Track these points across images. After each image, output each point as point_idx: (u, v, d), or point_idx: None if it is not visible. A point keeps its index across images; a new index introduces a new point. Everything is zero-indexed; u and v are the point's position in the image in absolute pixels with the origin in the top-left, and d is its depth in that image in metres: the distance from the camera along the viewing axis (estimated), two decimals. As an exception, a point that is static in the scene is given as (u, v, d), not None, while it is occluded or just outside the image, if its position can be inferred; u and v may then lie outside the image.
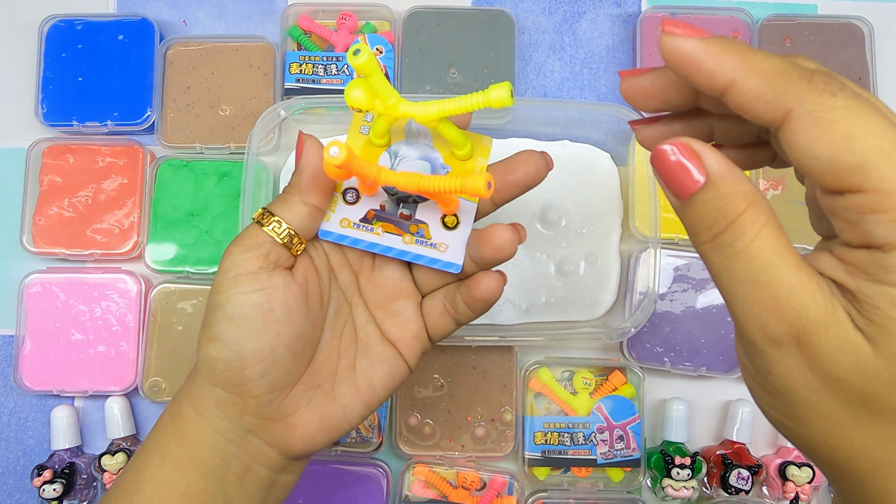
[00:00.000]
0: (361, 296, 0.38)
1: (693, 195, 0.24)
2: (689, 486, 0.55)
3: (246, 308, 0.33)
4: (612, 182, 0.58)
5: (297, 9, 0.63)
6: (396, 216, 0.37)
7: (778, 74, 0.23)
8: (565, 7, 0.65)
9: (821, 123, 0.22)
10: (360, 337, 0.38)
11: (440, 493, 0.56)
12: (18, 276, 0.59)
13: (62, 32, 0.62)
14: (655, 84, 0.29)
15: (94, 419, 0.59)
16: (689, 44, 0.24)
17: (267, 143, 0.60)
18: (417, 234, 0.37)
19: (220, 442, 0.34)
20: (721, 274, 0.24)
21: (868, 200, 0.22)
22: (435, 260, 0.37)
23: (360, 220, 0.37)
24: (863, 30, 0.62)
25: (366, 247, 0.37)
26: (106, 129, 0.61)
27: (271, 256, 0.34)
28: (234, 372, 0.33)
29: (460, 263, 0.37)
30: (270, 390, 0.34)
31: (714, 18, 0.63)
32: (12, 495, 0.59)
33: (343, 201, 0.37)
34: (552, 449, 0.56)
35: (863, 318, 0.22)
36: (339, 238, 0.37)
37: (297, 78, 0.61)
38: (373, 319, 0.38)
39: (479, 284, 0.36)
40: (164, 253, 0.59)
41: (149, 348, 0.58)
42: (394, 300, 0.38)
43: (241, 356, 0.33)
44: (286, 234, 0.34)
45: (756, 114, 0.24)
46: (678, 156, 0.24)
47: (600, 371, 0.58)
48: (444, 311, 0.38)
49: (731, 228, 0.24)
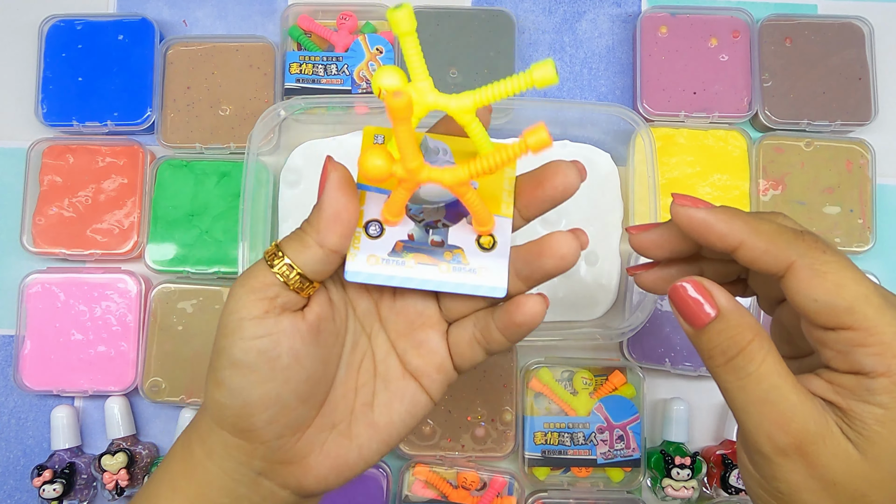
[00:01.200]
0: (382, 325, 0.36)
1: (706, 325, 0.29)
2: (689, 486, 0.55)
3: (251, 355, 0.31)
4: (612, 182, 0.58)
5: (297, 9, 0.63)
6: (428, 244, 0.34)
7: (777, 235, 0.29)
8: (565, 7, 0.65)
9: (818, 274, 0.28)
10: (378, 370, 0.35)
11: (440, 493, 0.56)
12: (18, 276, 0.59)
13: (62, 32, 0.62)
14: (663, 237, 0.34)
15: (94, 419, 0.59)
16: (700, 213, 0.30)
17: (267, 143, 0.60)
18: (454, 261, 0.33)
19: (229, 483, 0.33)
20: (736, 393, 0.29)
21: (856, 336, 0.27)
22: (478, 287, 0.33)
23: (388, 254, 0.33)
24: (863, 30, 0.62)
25: (400, 283, 0.33)
26: (106, 129, 0.61)
27: (279, 300, 0.31)
28: (241, 418, 0.32)
29: (505, 287, 0.33)
30: (279, 436, 0.32)
31: (714, 18, 0.63)
32: (12, 495, 0.59)
33: (366, 235, 0.33)
34: (552, 449, 0.56)
35: (853, 431, 0.28)
36: (368, 278, 0.33)
37: (297, 78, 0.61)
38: (394, 350, 0.36)
39: (520, 308, 0.33)
40: (164, 253, 0.59)
41: (149, 348, 0.58)
42: (417, 329, 0.35)
43: (248, 403, 0.31)
44: (296, 279, 0.31)
45: (764, 267, 0.29)
46: (693, 292, 0.29)
47: (600, 371, 0.58)
48: (472, 341, 0.35)
49: (743, 354, 0.29)
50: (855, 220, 0.60)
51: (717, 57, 0.62)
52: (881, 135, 0.62)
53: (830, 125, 0.61)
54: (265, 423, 0.32)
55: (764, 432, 0.28)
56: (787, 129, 0.61)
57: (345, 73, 0.60)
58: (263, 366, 0.31)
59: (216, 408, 0.32)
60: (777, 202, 0.60)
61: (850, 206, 0.60)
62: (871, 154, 0.60)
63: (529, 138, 0.28)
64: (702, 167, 0.60)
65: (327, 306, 0.33)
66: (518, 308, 0.33)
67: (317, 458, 0.33)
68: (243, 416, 0.31)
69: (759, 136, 0.61)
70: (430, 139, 0.34)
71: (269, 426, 0.32)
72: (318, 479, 0.34)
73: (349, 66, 0.61)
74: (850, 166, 0.60)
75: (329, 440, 0.34)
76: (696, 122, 0.61)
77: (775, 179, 0.60)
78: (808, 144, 0.61)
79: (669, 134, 0.61)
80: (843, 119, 0.61)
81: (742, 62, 0.62)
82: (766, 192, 0.60)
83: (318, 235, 0.31)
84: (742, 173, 0.60)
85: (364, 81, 0.60)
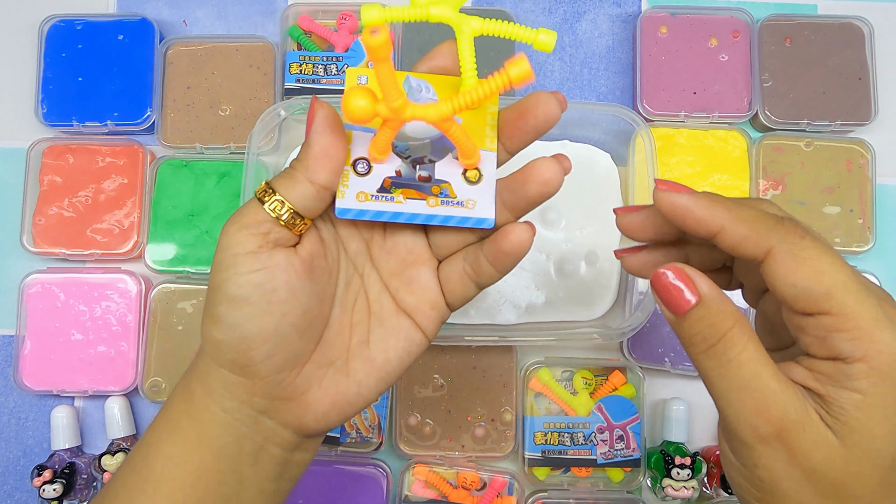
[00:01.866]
0: (374, 265, 0.36)
1: (687, 312, 0.29)
2: (689, 486, 0.55)
3: (247, 289, 0.31)
4: (612, 182, 0.58)
5: (297, 9, 0.63)
6: (415, 179, 0.34)
7: (757, 221, 0.29)
8: (565, 7, 0.65)
9: (797, 259, 0.28)
10: (373, 309, 0.36)
11: (440, 493, 0.56)
12: (18, 276, 0.59)
13: (62, 32, 0.62)
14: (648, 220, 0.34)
15: (94, 419, 0.59)
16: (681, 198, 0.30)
17: (267, 143, 0.60)
18: (441, 195, 0.34)
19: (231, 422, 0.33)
20: (716, 380, 0.29)
21: (834, 321, 0.27)
22: (466, 218, 0.34)
23: (377, 190, 0.34)
24: (863, 30, 0.62)
25: (390, 217, 0.34)
26: (106, 129, 0.61)
27: (271, 235, 0.32)
28: (240, 353, 0.32)
29: (493, 217, 0.34)
30: (279, 370, 0.33)
31: (714, 18, 0.63)
32: (12, 495, 0.59)
33: (354, 173, 0.34)
34: (552, 449, 0.56)
35: (832, 418, 0.27)
36: (358, 214, 0.34)
37: (297, 78, 0.61)
38: (386, 289, 0.36)
39: (508, 236, 0.34)
40: (164, 253, 0.59)
41: (149, 348, 0.58)
42: (408, 267, 0.36)
43: (245, 337, 0.32)
44: (288, 215, 0.32)
45: (744, 252, 0.29)
46: (674, 278, 0.29)
47: (600, 371, 0.58)
48: (463, 275, 0.35)
49: (723, 341, 0.29)
50: (855, 220, 0.60)
51: (717, 57, 0.62)
52: (881, 135, 0.62)
53: (830, 125, 0.61)
54: (263, 357, 0.32)
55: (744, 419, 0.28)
56: (787, 129, 0.61)
57: (344, 73, 0.60)
58: (260, 299, 0.31)
59: (214, 345, 0.32)
60: (777, 202, 0.60)
61: (850, 206, 0.60)
62: (871, 154, 0.60)
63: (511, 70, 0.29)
64: (702, 167, 0.60)
65: (319, 244, 0.34)
66: (506, 237, 0.34)
67: (316, 394, 0.34)
68: (241, 352, 0.32)
69: (759, 136, 0.61)
70: (413, 77, 0.34)
71: (267, 360, 0.32)
72: (317, 415, 0.34)
73: (349, 67, 0.61)
74: (850, 166, 0.60)
75: (327, 376, 0.34)
76: (696, 122, 0.61)
77: (775, 179, 0.60)
78: (808, 144, 0.61)
79: (669, 134, 0.61)
80: (843, 119, 0.61)
81: (742, 62, 0.62)
82: (766, 192, 0.60)
83: (307, 172, 0.32)
84: (742, 173, 0.60)
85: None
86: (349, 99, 0.30)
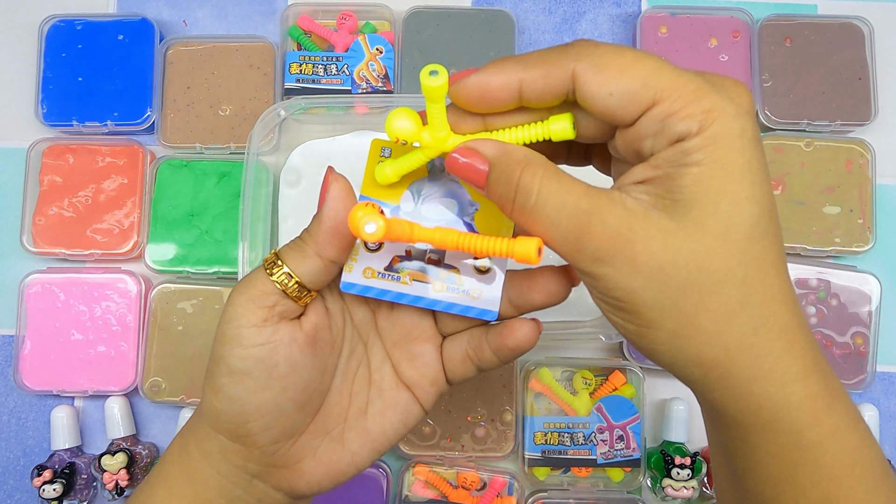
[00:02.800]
0: (378, 334, 0.36)
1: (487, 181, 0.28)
2: (689, 486, 0.55)
3: (249, 363, 0.31)
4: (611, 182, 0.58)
5: (297, 9, 0.63)
6: (424, 261, 0.34)
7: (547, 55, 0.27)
8: (565, 7, 0.65)
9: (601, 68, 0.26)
10: (373, 379, 0.36)
11: (440, 493, 0.56)
12: (18, 276, 0.59)
13: (62, 32, 0.62)
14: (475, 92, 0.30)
15: (94, 419, 0.59)
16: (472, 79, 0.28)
17: (267, 143, 0.60)
18: (448, 280, 0.34)
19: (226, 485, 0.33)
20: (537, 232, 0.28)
21: (662, 109, 0.25)
22: (469, 308, 0.33)
23: (384, 268, 0.34)
24: (863, 30, 0.62)
25: (393, 298, 0.34)
26: (106, 129, 0.61)
27: (277, 308, 0.31)
28: (237, 425, 0.32)
29: (496, 311, 0.33)
30: (275, 441, 0.33)
31: (714, 18, 0.63)
32: (12, 495, 0.59)
33: (365, 248, 0.34)
34: (552, 449, 0.56)
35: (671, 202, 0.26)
36: (363, 290, 0.34)
37: (297, 78, 0.61)
38: (388, 360, 0.36)
39: (513, 333, 0.33)
40: (164, 253, 0.59)
41: (149, 348, 0.58)
42: (413, 342, 0.36)
43: (245, 410, 0.32)
44: (295, 288, 0.31)
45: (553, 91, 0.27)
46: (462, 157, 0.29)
47: (600, 371, 0.58)
48: (466, 357, 0.35)
49: (519, 191, 0.28)
50: (855, 220, 0.60)
51: (717, 57, 0.62)
52: (881, 135, 0.62)
53: (830, 125, 0.61)
54: (261, 429, 0.32)
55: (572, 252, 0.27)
56: (787, 129, 0.61)
57: (345, 73, 0.60)
58: (261, 374, 0.31)
59: (213, 414, 0.32)
60: (777, 202, 0.59)
61: (850, 206, 0.60)
62: (871, 154, 0.60)
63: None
64: (702, 167, 0.60)
65: (324, 315, 0.34)
66: (511, 332, 0.33)
67: (309, 463, 0.34)
68: (240, 423, 0.32)
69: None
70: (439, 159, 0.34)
71: (264, 432, 0.32)
72: (310, 483, 0.34)
73: (349, 66, 0.61)
74: (850, 166, 0.60)
75: (322, 446, 0.34)
76: (696, 122, 0.61)
77: (775, 179, 0.60)
78: (808, 144, 0.61)
79: (669, 134, 0.61)
80: (843, 119, 0.61)
81: (742, 62, 0.62)
82: (766, 192, 0.60)
83: (317, 246, 0.31)
84: (742, 173, 0.60)
85: (364, 81, 0.60)
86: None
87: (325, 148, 0.58)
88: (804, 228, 0.59)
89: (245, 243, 0.52)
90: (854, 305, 0.59)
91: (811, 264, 0.59)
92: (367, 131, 0.58)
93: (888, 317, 0.60)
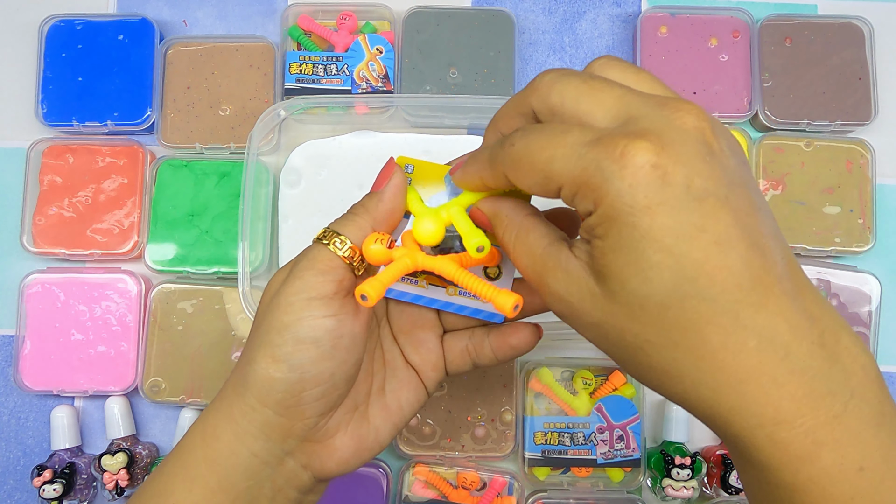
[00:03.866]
0: (388, 319, 0.39)
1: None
2: (689, 486, 0.55)
3: (318, 332, 0.32)
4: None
5: (297, 9, 0.63)
6: None
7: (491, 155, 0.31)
8: (565, 7, 0.65)
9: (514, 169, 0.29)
10: (386, 359, 0.38)
11: (440, 493, 0.56)
12: (18, 276, 0.59)
13: (62, 32, 0.62)
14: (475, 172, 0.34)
15: (94, 419, 0.59)
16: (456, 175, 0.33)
17: (267, 143, 0.60)
18: None
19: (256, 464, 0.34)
20: None
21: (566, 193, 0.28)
22: (479, 311, 0.37)
23: None
24: (863, 30, 0.62)
25: (411, 299, 0.37)
26: (106, 129, 0.61)
27: (345, 282, 0.33)
28: (292, 394, 0.33)
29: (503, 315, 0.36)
30: (320, 413, 0.34)
31: (714, 18, 0.63)
32: (12, 495, 0.59)
33: None
34: (552, 449, 0.56)
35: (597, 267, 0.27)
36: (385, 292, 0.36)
37: (297, 78, 0.61)
38: (396, 344, 0.39)
39: (516, 333, 0.37)
40: (164, 253, 0.59)
41: (149, 348, 0.58)
42: (417, 329, 0.39)
43: (303, 378, 0.33)
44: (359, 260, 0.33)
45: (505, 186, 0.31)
46: None
47: (600, 371, 0.58)
48: (464, 352, 0.38)
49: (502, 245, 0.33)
50: (855, 220, 0.60)
51: (717, 57, 0.62)
52: (881, 135, 0.62)
53: (830, 125, 0.61)
54: (313, 399, 0.33)
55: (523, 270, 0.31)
56: (787, 129, 0.61)
57: (345, 73, 0.60)
58: (327, 343, 0.33)
59: (267, 384, 0.33)
60: (777, 202, 0.60)
61: (850, 206, 0.60)
62: (871, 154, 0.60)
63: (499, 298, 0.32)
64: (702, 167, 0.60)
65: None
66: (514, 333, 0.37)
67: (342, 438, 0.35)
68: (295, 392, 0.33)
69: (759, 136, 0.61)
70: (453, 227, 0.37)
71: (315, 403, 0.33)
72: (339, 461, 0.35)
73: (349, 66, 0.61)
74: (850, 166, 0.60)
75: (352, 421, 0.36)
76: (696, 122, 0.61)
77: (775, 179, 0.60)
78: (808, 144, 0.61)
79: (669, 134, 0.60)
80: (843, 119, 0.61)
81: (742, 62, 0.62)
82: (766, 192, 0.60)
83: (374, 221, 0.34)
84: (742, 173, 0.60)
85: (364, 81, 0.60)
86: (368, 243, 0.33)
87: (325, 148, 0.58)
88: (804, 228, 0.59)
89: (245, 243, 0.52)
90: (854, 305, 0.59)
91: (811, 264, 0.59)
92: (367, 131, 0.59)
93: (888, 317, 0.60)
